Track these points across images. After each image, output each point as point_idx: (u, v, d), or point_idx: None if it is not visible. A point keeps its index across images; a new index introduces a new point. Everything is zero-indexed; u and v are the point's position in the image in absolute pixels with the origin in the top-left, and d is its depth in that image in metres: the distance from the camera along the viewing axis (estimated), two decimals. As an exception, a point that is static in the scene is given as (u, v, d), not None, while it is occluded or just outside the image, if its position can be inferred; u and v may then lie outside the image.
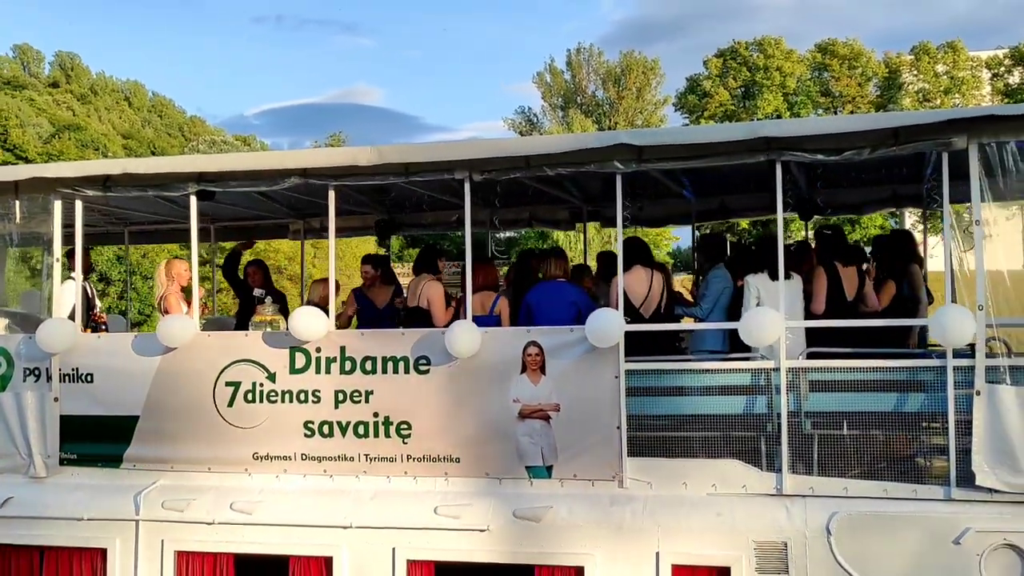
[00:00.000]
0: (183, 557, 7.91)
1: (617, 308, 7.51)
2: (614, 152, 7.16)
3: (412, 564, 7.48)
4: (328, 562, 7.59)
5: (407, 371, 7.68)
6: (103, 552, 8.02)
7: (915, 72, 63.15)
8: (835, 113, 66.65)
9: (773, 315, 7.01)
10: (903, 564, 6.77)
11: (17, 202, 8.38)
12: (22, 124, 67.24)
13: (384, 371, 7.73)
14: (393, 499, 7.62)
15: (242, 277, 11.10)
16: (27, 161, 44.03)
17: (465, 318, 7.71)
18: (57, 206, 8.31)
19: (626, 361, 7.30)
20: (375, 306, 9.14)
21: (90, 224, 11.07)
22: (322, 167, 7.78)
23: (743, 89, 72.51)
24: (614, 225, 11.22)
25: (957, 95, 59.37)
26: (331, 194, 7.88)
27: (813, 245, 9.01)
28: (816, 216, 10.79)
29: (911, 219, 32.72)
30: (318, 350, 7.84)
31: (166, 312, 8.87)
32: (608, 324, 7.10)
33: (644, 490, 7.29)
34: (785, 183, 8.87)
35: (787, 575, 6.90)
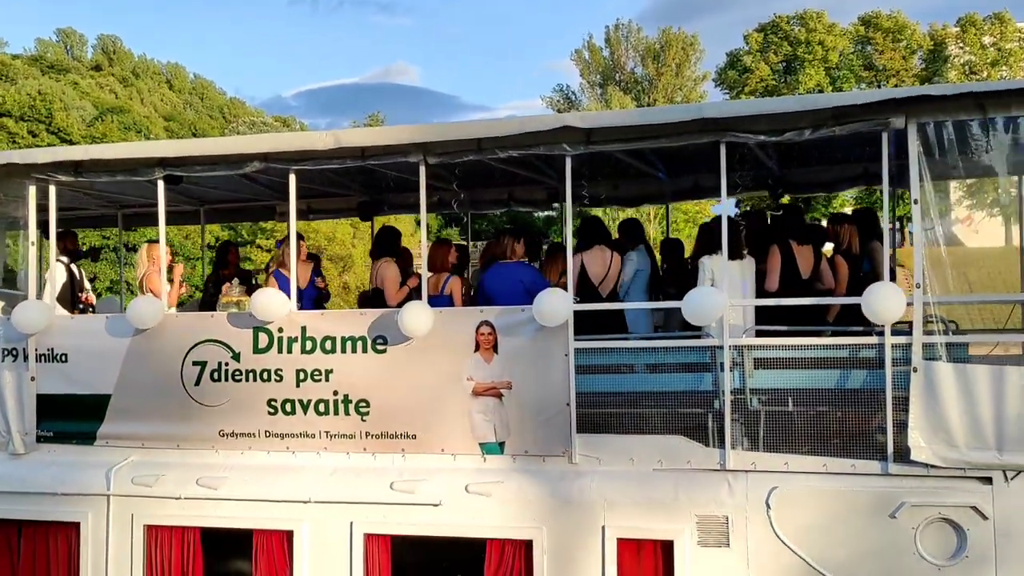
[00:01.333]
0: (152, 531, 8.50)
1: (571, 286, 7.97)
2: (562, 135, 7.58)
3: (369, 537, 8.01)
4: (289, 536, 8.14)
5: (365, 351, 8.18)
6: (77, 526, 8.63)
7: (961, 44, 62.54)
8: (879, 88, 66.31)
9: (715, 294, 7.42)
10: (841, 537, 7.18)
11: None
12: (66, 107, 69.17)
13: (343, 351, 8.24)
14: (352, 475, 8.14)
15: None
16: (72, 144, 45.22)
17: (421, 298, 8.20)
18: (32, 191, 8.89)
19: (578, 340, 7.74)
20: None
21: (83, 208, 11.74)
22: (281, 152, 8.27)
23: (784, 64, 72.31)
24: (588, 204, 11.71)
25: (1004, 67, 58.79)
26: (291, 178, 8.38)
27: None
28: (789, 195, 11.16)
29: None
30: (280, 330, 8.37)
31: (149, 292, 9.43)
32: (553, 304, 7.54)
33: (593, 466, 7.75)
34: (754, 162, 9.32)
35: (728, 548, 7.33)
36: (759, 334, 8.02)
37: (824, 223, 10.17)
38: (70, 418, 8.91)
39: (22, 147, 45.91)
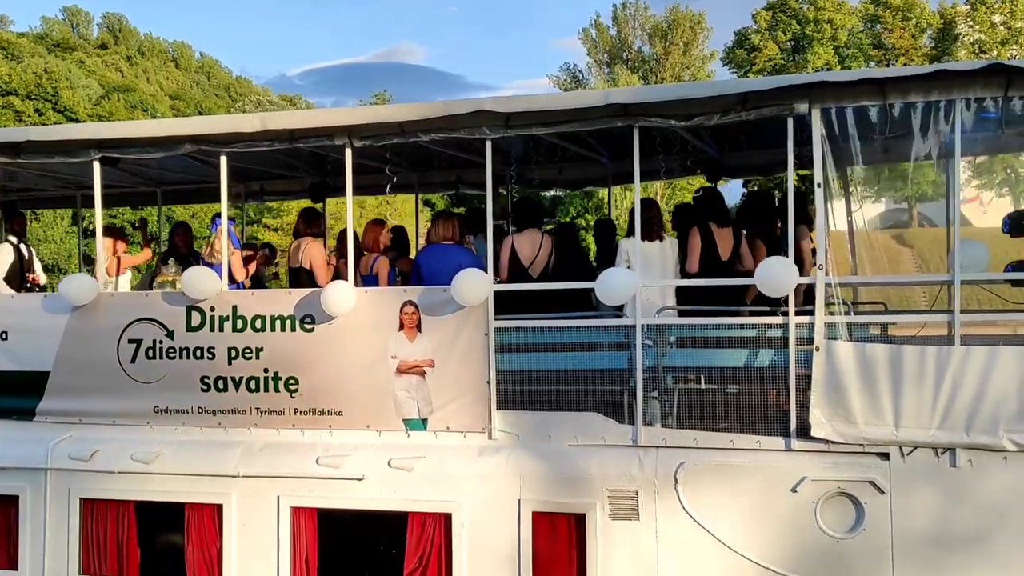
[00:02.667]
0: (88, 504, 9.02)
1: (501, 267, 8.48)
2: (480, 118, 8.05)
3: (296, 511, 8.52)
4: (219, 509, 8.66)
5: (293, 329, 8.68)
6: (16, 500, 9.15)
7: (971, 23, 62.86)
8: (887, 66, 66.72)
9: (626, 274, 7.90)
10: (745, 511, 7.67)
11: None
12: (72, 86, 70.16)
13: (273, 329, 8.74)
14: (280, 450, 8.65)
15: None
16: (78, 122, 46.03)
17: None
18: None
19: (498, 319, 8.23)
20: None
21: (42, 189, 12.21)
22: (212, 134, 8.75)
23: (793, 43, 72.84)
24: (538, 187, 12.17)
25: (1015, 46, 59.05)
26: (223, 160, 8.85)
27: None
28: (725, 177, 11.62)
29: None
30: (212, 309, 8.87)
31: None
32: (471, 284, 8.03)
33: (511, 441, 8.24)
34: (689, 145, 9.78)
35: (638, 521, 7.83)
36: (680, 314, 8.52)
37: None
38: (10, 394, 9.42)
39: (28, 125, 46.60)
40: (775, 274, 7.48)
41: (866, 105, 7.50)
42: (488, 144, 8.24)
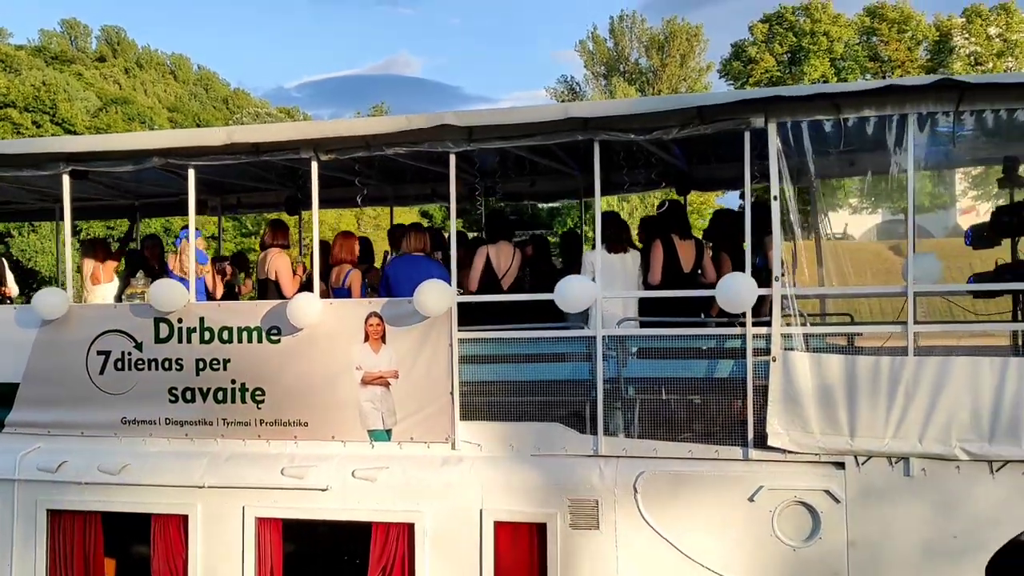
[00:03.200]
0: (55, 516, 9.17)
1: (473, 278, 8.72)
2: (443, 132, 8.25)
3: (261, 521, 8.68)
4: (184, 520, 8.81)
5: (260, 340, 8.86)
6: (-17, 510, 9.31)
7: (967, 35, 63.40)
8: (883, 79, 67.31)
9: (585, 284, 8.08)
10: (703, 520, 7.84)
11: None
12: (70, 98, 70.91)
13: (239, 340, 8.91)
14: (246, 461, 8.81)
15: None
16: (76, 135, 46.52)
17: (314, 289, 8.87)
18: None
19: (461, 330, 8.41)
20: None
21: (21, 202, 12.43)
22: (179, 147, 8.95)
23: (789, 55, 73.36)
24: (509, 199, 12.38)
25: (1010, 58, 59.55)
26: (191, 173, 9.05)
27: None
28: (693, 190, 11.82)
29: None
30: (180, 320, 9.04)
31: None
32: (433, 296, 8.21)
33: (474, 452, 8.41)
34: (655, 158, 9.99)
35: (598, 531, 8.00)
36: (643, 325, 8.71)
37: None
38: (-20, 406, 9.57)
39: (26, 137, 46.95)
40: (734, 290, 7.66)
41: (821, 119, 7.70)
42: (452, 157, 8.43)
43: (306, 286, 9.63)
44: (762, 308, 9.32)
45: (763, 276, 9.54)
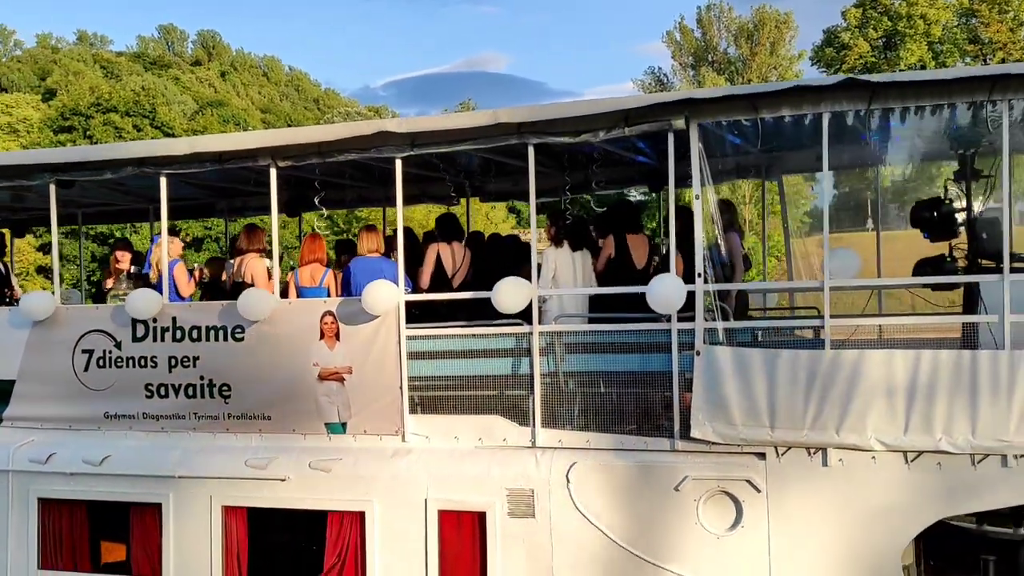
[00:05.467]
0: (45, 505, 10.09)
1: (424, 277, 9.36)
2: (386, 138, 8.90)
3: (227, 509, 9.45)
4: (158, 508, 9.64)
5: (226, 339, 9.63)
6: (-18, 500, 10.29)
7: (1074, 14, 61.68)
8: (984, 62, 66.08)
9: (520, 284, 8.65)
10: (631, 508, 8.34)
11: None
12: (168, 102, 74.39)
13: (208, 339, 9.69)
14: (214, 453, 9.58)
15: None
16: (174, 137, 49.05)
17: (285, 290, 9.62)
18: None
19: (409, 327, 9.07)
20: None
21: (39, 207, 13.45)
22: (150, 157, 9.77)
23: (884, 40, 72.29)
24: (494, 199, 12.95)
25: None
26: (163, 181, 9.86)
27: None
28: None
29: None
30: (154, 320, 9.86)
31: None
32: (377, 295, 8.87)
33: (422, 443, 9.06)
34: (634, 158, 10.50)
35: (534, 519, 8.57)
36: (592, 320, 9.24)
37: None
38: (-19, 402, 10.56)
39: (128, 141, 49.34)
40: (662, 293, 8.13)
41: (740, 120, 8.15)
42: (398, 163, 9.07)
43: (283, 293, 10.35)
44: (727, 301, 9.81)
45: (725, 272, 10.05)
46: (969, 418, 7.53)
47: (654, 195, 13.94)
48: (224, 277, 11.16)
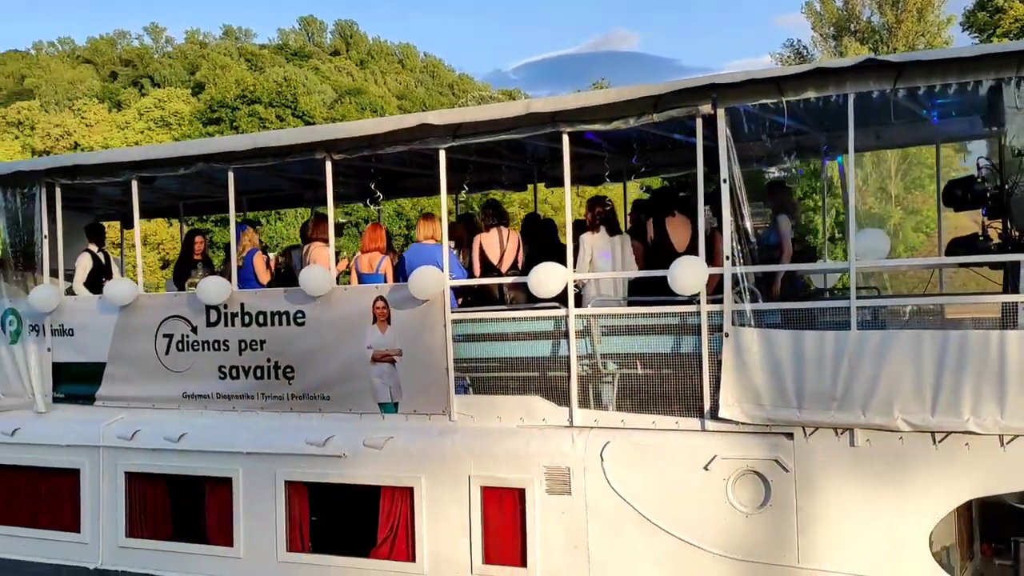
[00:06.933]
0: (131, 478, 10.90)
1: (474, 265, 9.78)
2: (428, 130, 9.30)
3: (289, 484, 10.05)
4: (229, 482, 10.31)
5: (288, 323, 10.22)
6: (77, 472, 11.16)
7: None
8: None
9: (556, 268, 8.94)
10: (663, 486, 8.55)
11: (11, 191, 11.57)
12: (309, 91, 77.55)
13: (273, 324, 10.30)
14: (279, 431, 10.17)
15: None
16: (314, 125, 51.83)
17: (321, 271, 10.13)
18: (42, 194, 11.45)
19: (454, 312, 9.47)
20: None
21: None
22: (220, 152, 10.43)
23: (1044, 1, 68.79)
24: (558, 185, 13.22)
25: None
26: (230, 175, 10.49)
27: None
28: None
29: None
30: (225, 306, 10.53)
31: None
32: (422, 280, 9.30)
33: (467, 423, 9.45)
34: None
35: (570, 496, 8.88)
36: (631, 303, 9.47)
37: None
38: (77, 382, 11.45)
39: (272, 130, 51.74)
40: (681, 275, 8.32)
41: (766, 103, 8.23)
42: (442, 153, 9.45)
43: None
44: (773, 286, 9.88)
45: (775, 254, 10.11)
46: (998, 399, 7.47)
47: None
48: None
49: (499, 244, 10.18)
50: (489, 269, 10.22)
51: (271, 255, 11.78)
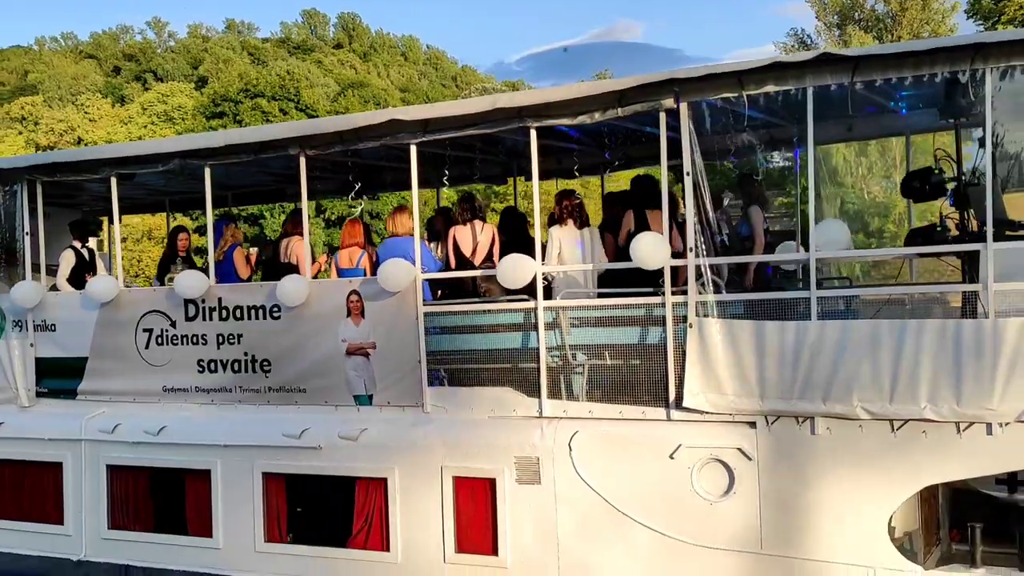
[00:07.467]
0: (113, 471, 11.05)
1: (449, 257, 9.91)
2: (398, 126, 9.41)
3: (267, 476, 10.19)
4: (208, 474, 10.46)
5: (265, 317, 10.35)
6: (60, 465, 11.32)
7: None
8: None
9: (526, 260, 9.05)
10: (630, 475, 8.67)
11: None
12: (311, 85, 77.64)
13: (250, 318, 10.44)
14: (257, 423, 10.30)
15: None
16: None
17: (305, 270, 10.26)
18: (23, 191, 11.58)
19: (426, 305, 9.59)
20: None
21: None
22: (196, 149, 10.55)
23: (1051, -13, 68.17)
24: (545, 177, 13.31)
25: None
26: (207, 171, 10.61)
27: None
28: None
29: None
30: (203, 301, 10.66)
31: None
32: (392, 273, 9.42)
33: (440, 414, 9.58)
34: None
35: (540, 485, 9.00)
36: (601, 296, 9.57)
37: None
38: (59, 377, 11.60)
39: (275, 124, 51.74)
40: (645, 248, 8.43)
41: (728, 97, 8.33)
42: (412, 148, 9.56)
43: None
44: (746, 277, 9.98)
45: (746, 245, 10.21)
46: (954, 387, 7.57)
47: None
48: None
49: (472, 237, 10.28)
50: (463, 262, 10.32)
51: (252, 250, 11.89)
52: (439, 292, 10.57)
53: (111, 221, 14.92)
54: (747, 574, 8.29)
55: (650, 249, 8.37)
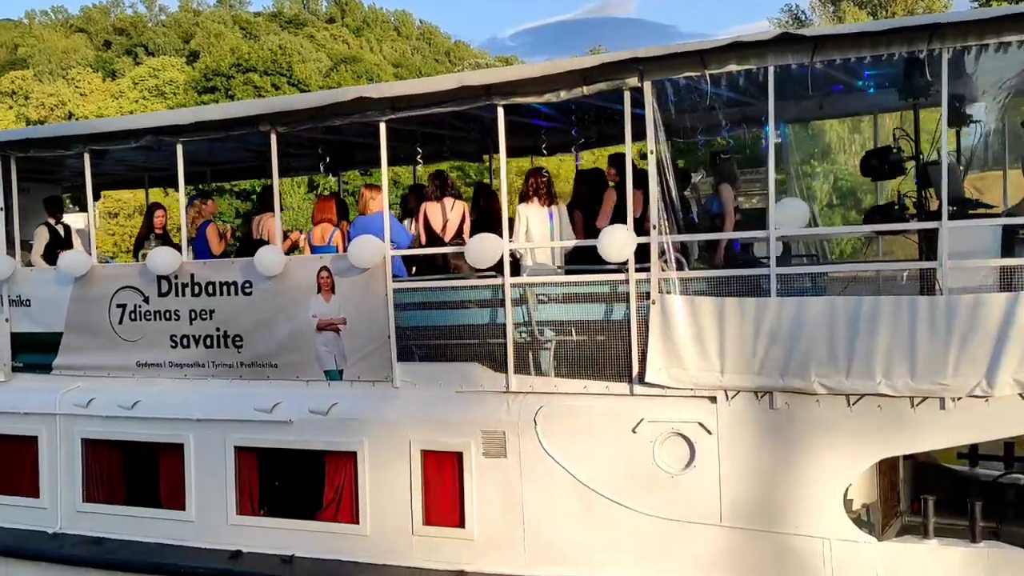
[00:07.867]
0: (87, 444, 11.15)
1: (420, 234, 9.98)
2: (366, 104, 9.47)
3: (239, 450, 10.30)
4: (181, 448, 10.57)
5: (237, 293, 10.43)
6: (35, 439, 11.42)
7: None
8: None
9: (493, 239, 9.15)
10: (593, 449, 8.80)
11: None
12: (304, 60, 77.24)
13: (222, 293, 10.52)
14: (229, 398, 10.41)
15: None
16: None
17: (275, 244, 10.34)
18: (-2, 164, 11.63)
19: (395, 281, 9.69)
20: None
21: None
22: (167, 125, 10.60)
23: (1052, -36, 67.98)
24: (520, 154, 13.41)
25: None
26: (179, 148, 10.66)
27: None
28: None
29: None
30: (175, 277, 10.74)
31: None
32: (361, 249, 9.51)
33: (409, 389, 9.69)
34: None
35: (506, 459, 9.13)
36: (568, 272, 9.68)
37: None
38: (35, 352, 11.68)
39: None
40: (613, 243, 8.53)
41: (691, 76, 8.41)
42: (382, 126, 9.62)
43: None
44: (716, 254, 10.09)
45: (716, 222, 10.33)
46: (908, 362, 7.71)
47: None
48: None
49: (442, 214, 10.37)
50: (433, 238, 10.41)
51: (228, 226, 11.97)
52: (413, 268, 10.66)
53: (95, 197, 15.01)
54: (707, 546, 8.44)
55: (615, 248, 8.44)
